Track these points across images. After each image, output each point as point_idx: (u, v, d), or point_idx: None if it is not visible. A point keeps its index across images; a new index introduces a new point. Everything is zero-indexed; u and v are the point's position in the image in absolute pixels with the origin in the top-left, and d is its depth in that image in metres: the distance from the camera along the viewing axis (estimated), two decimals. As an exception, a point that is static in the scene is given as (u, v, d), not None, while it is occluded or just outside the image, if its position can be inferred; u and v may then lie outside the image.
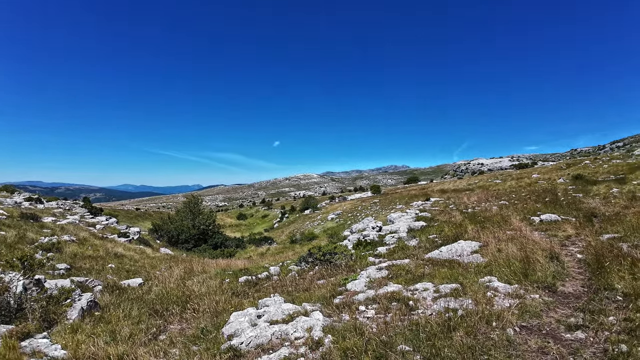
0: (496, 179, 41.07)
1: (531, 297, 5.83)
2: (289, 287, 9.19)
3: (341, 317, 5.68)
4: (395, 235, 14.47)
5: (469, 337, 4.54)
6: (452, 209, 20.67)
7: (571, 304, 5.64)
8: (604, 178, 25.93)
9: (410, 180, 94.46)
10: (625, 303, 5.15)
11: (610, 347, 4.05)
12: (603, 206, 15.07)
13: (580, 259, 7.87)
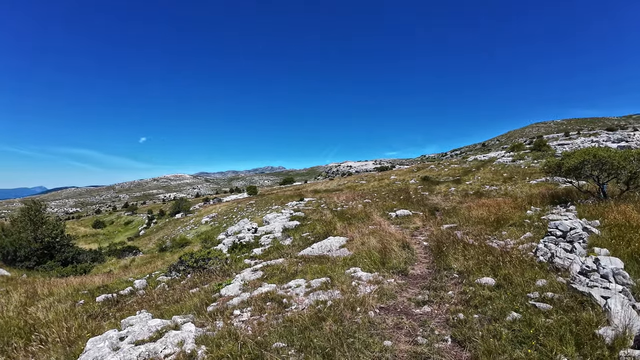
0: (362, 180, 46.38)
1: (388, 282, 6.82)
2: (157, 300, 8.63)
3: (215, 324, 5.59)
4: (271, 236, 14.97)
5: (337, 324, 5.01)
6: (323, 207, 22.32)
7: (419, 284, 6.85)
8: (445, 179, 32.12)
9: (286, 181, 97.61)
10: (461, 279, 6.53)
11: (451, 317, 5.08)
12: (443, 202, 18.75)
13: (426, 246, 9.61)
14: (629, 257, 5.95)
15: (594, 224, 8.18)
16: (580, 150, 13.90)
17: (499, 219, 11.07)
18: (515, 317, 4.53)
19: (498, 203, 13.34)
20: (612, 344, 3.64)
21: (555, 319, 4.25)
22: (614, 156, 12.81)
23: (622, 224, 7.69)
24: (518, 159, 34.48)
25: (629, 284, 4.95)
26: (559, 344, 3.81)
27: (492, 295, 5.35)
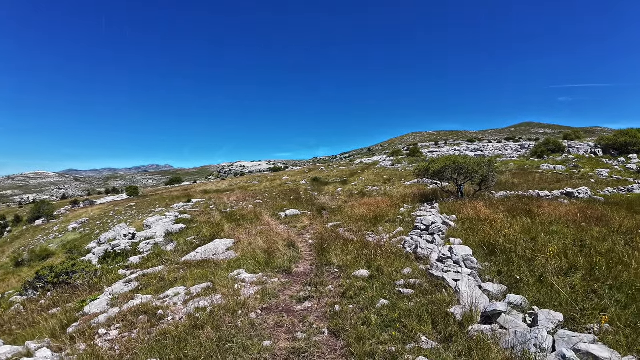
0: (254, 180, 45.95)
1: (272, 282, 6.83)
2: (10, 325, 7.19)
3: (76, 347, 4.83)
4: (152, 241, 13.73)
5: (215, 330, 4.79)
6: (212, 209, 21.41)
7: (302, 281, 7.01)
8: (333, 180, 33.91)
9: (173, 181, 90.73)
10: (340, 273, 6.88)
11: (328, 310, 5.29)
12: (331, 201, 19.76)
13: (311, 244, 9.93)
14: (477, 245, 7.06)
15: (452, 218, 9.58)
16: (443, 157, 16.12)
17: (377, 216, 12.12)
18: (384, 303, 4.96)
19: (377, 202, 14.60)
20: (461, 320, 4.23)
21: (416, 302, 4.79)
22: (469, 162, 15.17)
23: (473, 217, 9.15)
24: (397, 163, 38.40)
25: (477, 267, 5.87)
26: (418, 324, 4.29)
27: (365, 285, 5.77)
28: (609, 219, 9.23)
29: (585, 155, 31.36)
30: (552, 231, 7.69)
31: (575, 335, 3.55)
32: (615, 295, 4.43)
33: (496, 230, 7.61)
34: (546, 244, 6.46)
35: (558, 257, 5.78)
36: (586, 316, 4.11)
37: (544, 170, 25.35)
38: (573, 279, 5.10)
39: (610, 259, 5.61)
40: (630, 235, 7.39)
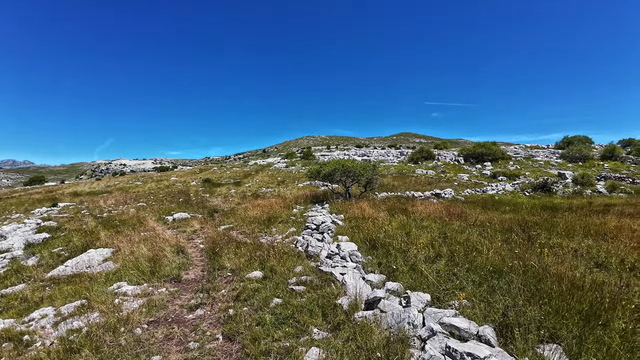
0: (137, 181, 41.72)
1: (158, 292, 6.41)
2: None
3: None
4: (8, 255, 11.39)
5: (94, 353, 4.34)
6: (85, 214, 18.80)
7: (193, 288, 6.73)
8: (226, 181, 33.00)
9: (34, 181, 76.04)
10: (233, 277, 6.81)
11: (222, 315, 5.21)
12: (223, 203, 19.25)
13: (203, 248, 9.58)
14: (361, 241, 7.75)
15: (340, 218, 10.31)
16: (333, 161, 17.16)
17: (270, 217, 12.30)
18: (277, 302, 5.12)
19: (271, 203, 14.79)
20: (348, 309, 4.63)
21: (307, 297, 5.08)
22: (356, 166, 16.43)
23: (358, 216, 9.99)
24: (291, 165, 39.29)
25: (361, 261, 6.46)
26: (310, 318, 4.56)
27: (259, 286, 5.86)
28: (467, 214, 11.02)
29: (451, 162, 36.65)
30: (423, 226, 8.89)
31: (440, 311, 4.22)
32: (471, 277, 5.34)
33: (378, 227, 8.47)
34: (418, 237, 7.46)
35: (427, 248, 6.74)
36: (448, 295, 4.89)
37: (418, 174, 28.85)
38: (438, 265, 6.01)
39: (467, 247, 6.76)
40: (482, 227, 8.98)
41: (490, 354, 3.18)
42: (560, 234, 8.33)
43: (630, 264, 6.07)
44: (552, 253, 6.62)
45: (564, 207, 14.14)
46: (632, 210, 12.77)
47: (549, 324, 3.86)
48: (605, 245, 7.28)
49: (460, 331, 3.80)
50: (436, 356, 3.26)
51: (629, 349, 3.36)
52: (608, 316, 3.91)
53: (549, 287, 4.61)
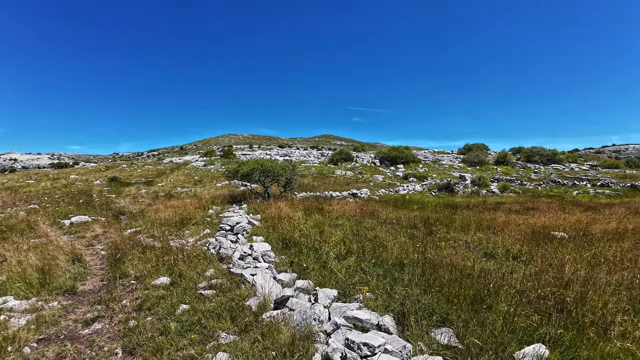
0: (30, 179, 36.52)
1: (49, 306, 5.72)
2: None
3: None
4: None
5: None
6: (-48, 220, 15.92)
7: (90, 300, 6.12)
8: (136, 180, 30.58)
9: None
10: (137, 285, 6.35)
11: (122, 327, 4.84)
12: (132, 205, 17.79)
13: (104, 255, 8.77)
14: (276, 240, 7.78)
15: (257, 218, 10.24)
16: (252, 160, 16.96)
17: (183, 219, 11.72)
18: (184, 308, 4.91)
19: (185, 204, 14.11)
20: (257, 310, 4.60)
21: (216, 301, 4.94)
22: (275, 166, 16.45)
23: (275, 216, 10.02)
24: (209, 164, 37.86)
25: (273, 261, 6.50)
26: (218, 322, 4.45)
27: (165, 294, 5.54)
28: (379, 213, 11.72)
29: (368, 164, 38.57)
30: (337, 224, 9.26)
31: (345, 306, 4.43)
32: (377, 271, 5.66)
33: (294, 226, 8.60)
34: (330, 235, 7.75)
35: (339, 245, 7.03)
36: (355, 289, 5.14)
37: (337, 175, 29.85)
38: (349, 261, 6.29)
39: (375, 243, 7.19)
40: (391, 224, 9.64)
41: (385, 341, 3.44)
42: (457, 229, 9.30)
43: (514, 254, 7.01)
44: (448, 246, 7.37)
45: (463, 205, 15.79)
46: (519, 208, 14.75)
47: (441, 310, 4.28)
48: (494, 237, 8.32)
49: (362, 323, 4.04)
50: (338, 348, 3.43)
51: (511, 330, 3.83)
52: (492, 300, 4.45)
53: (442, 276, 5.14)
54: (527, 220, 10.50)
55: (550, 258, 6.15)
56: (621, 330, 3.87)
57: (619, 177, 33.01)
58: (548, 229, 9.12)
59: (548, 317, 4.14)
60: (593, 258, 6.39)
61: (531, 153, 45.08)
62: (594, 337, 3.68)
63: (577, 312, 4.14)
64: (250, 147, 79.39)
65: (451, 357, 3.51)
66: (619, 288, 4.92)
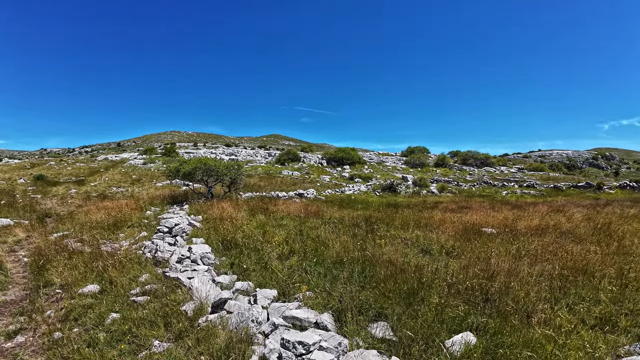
0: None
1: (-37, 320, 5.11)
2: None
3: None
4: None
5: None
6: None
7: (12, 311, 5.54)
8: (66, 179, 28.15)
9: None
10: (63, 294, 5.84)
11: (46, 339, 4.43)
12: (60, 206, 16.31)
13: (27, 262, 7.96)
14: (218, 242, 7.55)
15: (198, 219, 9.88)
16: (194, 159, 16.35)
17: (118, 221, 10.97)
18: (114, 317, 4.59)
19: (120, 205, 13.23)
20: (192, 315, 4.43)
21: (150, 308, 4.69)
22: (220, 165, 16.02)
23: (217, 217, 9.73)
24: (150, 162, 35.93)
25: (213, 263, 6.30)
26: (151, 330, 4.22)
27: (93, 302, 5.15)
28: (323, 212, 11.84)
29: (315, 165, 38.89)
30: (281, 224, 9.22)
31: (284, 305, 4.42)
32: (318, 269, 5.71)
33: (236, 227, 8.42)
34: (274, 236, 7.70)
35: (282, 245, 7.01)
36: (295, 288, 5.15)
37: (284, 175, 29.76)
38: (291, 261, 6.29)
39: (318, 242, 7.26)
40: (335, 224, 9.78)
41: (320, 339, 3.48)
42: (397, 227, 9.66)
43: (447, 249, 7.42)
44: (388, 243, 7.64)
45: (404, 205, 16.46)
46: (454, 207, 15.67)
47: (377, 305, 4.41)
48: (431, 234, 8.76)
49: (301, 321, 4.05)
50: (275, 349, 3.40)
51: (441, 320, 4.03)
52: (425, 293, 4.66)
53: (379, 272, 5.30)
54: (461, 218, 11.19)
55: (478, 252, 6.59)
56: (542, 317, 4.20)
57: (543, 179, 36.41)
58: (479, 226, 9.78)
59: (475, 307, 4.44)
60: (517, 251, 6.95)
61: (467, 156, 48.38)
62: (517, 324, 3.97)
63: (501, 301, 4.48)
64: (195, 146, 76.51)
65: (386, 349, 3.63)
66: (539, 278, 5.39)
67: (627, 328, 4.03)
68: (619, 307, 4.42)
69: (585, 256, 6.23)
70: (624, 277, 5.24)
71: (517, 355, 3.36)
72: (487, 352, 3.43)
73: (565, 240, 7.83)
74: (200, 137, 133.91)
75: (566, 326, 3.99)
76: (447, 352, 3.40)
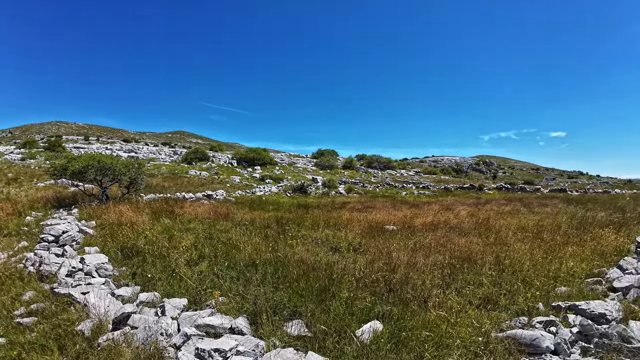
0: None
1: None
2: None
3: None
4: None
5: None
6: None
7: None
8: None
9: None
10: None
11: None
12: None
13: None
14: (116, 250, 6.85)
15: (91, 225, 8.83)
16: (85, 155, 14.59)
17: (-12, 230, 9.28)
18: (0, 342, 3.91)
19: (-10, 210, 11.21)
20: (91, 335, 3.94)
21: (39, 330, 4.06)
22: (117, 164, 14.55)
23: (114, 222, 8.83)
24: (29, 157, 31.04)
25: (111, 274, 5.71)
26: (43, 356, 3.67)
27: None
28: (234, 214, 11.58)
29: (225, 165, 37.73)
30: (189, 228, 8.76)
31: (196, 314, 4.22)
32: (230, 273, 5.59)
33: (138, 233, 7.76)
34: (181, 240, 7.28)
35: (190, 250, 6.67)
36: (207, 295, 4.97)
37: (191, 175, 28.24)
38: (201, 266, 6.04)
39: (229, 245, 7.08)
40: (246, 225, 9.63)
41: (237, 343, 3.42)
42: (308, 227, 9.92)
43: (354, 246, 7.84)
44: (300, 243, 7.80)
45: (314, 205, 16.92)
46: (360, 206, 16.59)
47: (291, 304, 4.49)
48: (339, 233, 9.17)
49: (215, 329, 3.92)
50: (189, 360, 3.26)
51: (351, 312, 4.26)
52: (336, 289, 4.90)
53: (292, 272, 5.40)
54: (367, 217, 11.95)
55: (382, 248, 7.12)
56: (437, 301, 4.75)
57: (436, 181, 40.76)
58: (382, 224, 10.56)
59: (381, 297, 4.82)
60: (414, 245, 7.68)
61: (372, 160, 51.83)
62: (416, 309, 4.42)
63: (402, 290, 4.93)
64: (86, 140, 68.06)
65: (302, 346, 3.73)
66: (433, 268, 6.04)
67: (506, 306, 4.73)
68: (499, 289, 5.18)
69: (469, 247, 7.16)
70: (500, 264, 6.16)
71: (417, 335, 3.73)
72: (392, 336, 3.74)
73: (453, 234, 8.87)
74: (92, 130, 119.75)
75: (456, 307, 4.56)
76: (357, 341, 3.63)
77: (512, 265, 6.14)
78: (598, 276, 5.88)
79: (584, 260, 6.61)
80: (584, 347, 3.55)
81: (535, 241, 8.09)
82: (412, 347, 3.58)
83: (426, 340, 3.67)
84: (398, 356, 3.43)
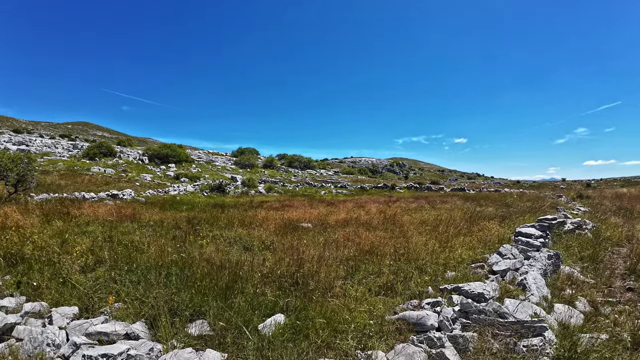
0: None
1: None
2: None
3: None
4: None
5: None
6: None
7: None
8: None
9: None
10: None
11: None
12: None
13: None
14: None
15: (-37, 230, 7.65)
16: (-42, 149, 12.56)
17: None
18: None
19: None
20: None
21: None
22: (2, 157, 12.78)
23: (-3, 226, 7.75)
24: None
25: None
26: None
27: None
28: (141, 215, 10.90)
29: (134, 161, 35.01)
30: (86, 231, 8.06)
31: (87, 322, 3.97)
32: (130, 277, 5.33)
33: (25, 237, 6.94)
34: (75, 244, 6.69)
35: (85, 255, 6.17)
36: (102, 302, 4.68)
37: (94, 173, 25.73)
38: (97, 272, 5.63)
39: (131, 248, 6.70)
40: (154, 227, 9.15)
41: (128, 347, 3.32)
42: (222, 227, 9.77)
43: (267, 244, 7.95)
44: (211, 243, 7.68)
45: (232, 205, 16.66)
46: (279, 205, 16.75)
47: (194, 304, 4.46)
48: (254, 232, 9.19)
49: (108, 336, 3.75)
50: (77, 370, 3.07)
51: (256, 307, 4.38)
52: (242, 286, 4.98)
53: (196, 272, 5.34)
54: (283, 215, 12.15)
55: (292, 244, 7.34)
56: (340, 291, 5.12)
57: (354, 180, 42.68)
58: (297, 222, 10.84)
59: (286, 291, 5.01)
60: (325, 241, 8.05)
61: (293, 159, 52.39)
62: (319, 300, 4.69)
63: (306, 283, 5.18)
64: (-42, 134, 57.74)
65: (202, 345, 3.73)
66: (340, 261, 6.43)
67: (402, 291, 5.26)
68: (396, 277, 5.70)
69: (373, 241, 7.73)
70: (399, 254, 6.77)
71: (315, 323, 3.97)
72: (293, 327, 3.94)
73: (362, 229, 9.46)
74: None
75: (354, 295, 4.96)
76: (259, 334, 3.74)
77: (407, 254, 6.79)
78: (482, 262, 6.80)
79: (471, 248, 7.59)
80: (464, 322, 4.11)
81: (432, 233, 9.01)
82: (308, 335, 3.80)
83: (322, 327, 3.93)
84: (295, 345, 3.62)
